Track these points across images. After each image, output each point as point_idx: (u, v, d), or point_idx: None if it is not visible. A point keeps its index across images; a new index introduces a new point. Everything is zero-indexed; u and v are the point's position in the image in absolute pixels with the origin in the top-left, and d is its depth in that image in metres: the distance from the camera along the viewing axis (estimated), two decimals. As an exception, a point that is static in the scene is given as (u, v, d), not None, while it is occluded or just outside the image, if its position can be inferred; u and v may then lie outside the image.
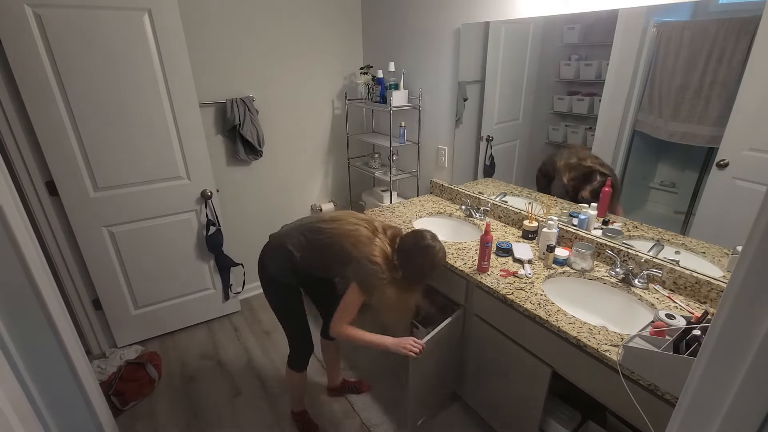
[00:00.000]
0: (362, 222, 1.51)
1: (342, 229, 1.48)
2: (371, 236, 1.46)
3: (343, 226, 1.49)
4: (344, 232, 1.47)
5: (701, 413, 0.48)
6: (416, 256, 1.43)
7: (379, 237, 1.46)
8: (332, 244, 1.46)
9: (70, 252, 2.10)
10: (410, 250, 1.44)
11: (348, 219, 1.52)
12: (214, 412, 1.97)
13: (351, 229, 1.47)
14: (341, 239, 1.45)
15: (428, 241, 1.43)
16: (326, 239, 1.47)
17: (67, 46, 1.79)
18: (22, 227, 0.94)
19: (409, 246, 1.45)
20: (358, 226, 1.48)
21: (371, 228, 1.49)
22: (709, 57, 1.27)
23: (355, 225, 1.48)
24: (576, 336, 1.21)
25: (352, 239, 1.44)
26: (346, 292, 1.46)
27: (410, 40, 2.41)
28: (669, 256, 1.46)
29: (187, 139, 2.18)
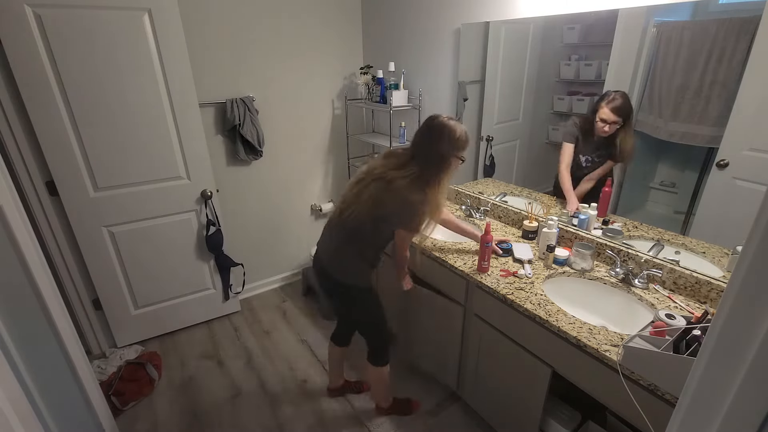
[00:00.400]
0: (365, 179, 1.48)
1: (360, 200, 1.46)
2: (382, 176, 1.43)
3: (359, 197, 1.47)
4: (362, 200, 1.46)
5: (701, 413, 0.48)
6: (435, 139, 1.39)
7: (388, 169, 1.44)
8: (366, 218, 1.46)
9: (70, 252, 2.10)
10: (427, 137, 1.41)
11: (354, 191, 1.50)
12: (214, 412, 1.97)
13: (365, 193, 1.45)
14: (368, 207, 1.44)
15: (440, 119, 1.41)
16: (363, 214, 1.45)
17: (67, 46, 1.79)
18: (22, 227, 0.94)
19: (423, 133, 1.43)
20: (366, 184, 1.46)
21: (375, 174, 1.46)
22: (709, 57, 1.27)
23: (363, 185, 1.47)
24: (576, 336, 1.21)
25: (375, 199, 1.43)
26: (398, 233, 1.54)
27: (410, 40, 2.41)
28: (669, 256, 1.46)
29: (187, 139, 2.18)
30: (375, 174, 1.46)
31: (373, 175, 1.46)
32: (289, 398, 2.03)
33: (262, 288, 2.97)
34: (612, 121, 1.53)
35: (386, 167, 1.45)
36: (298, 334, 2.50)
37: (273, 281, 3.02)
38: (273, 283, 3.02)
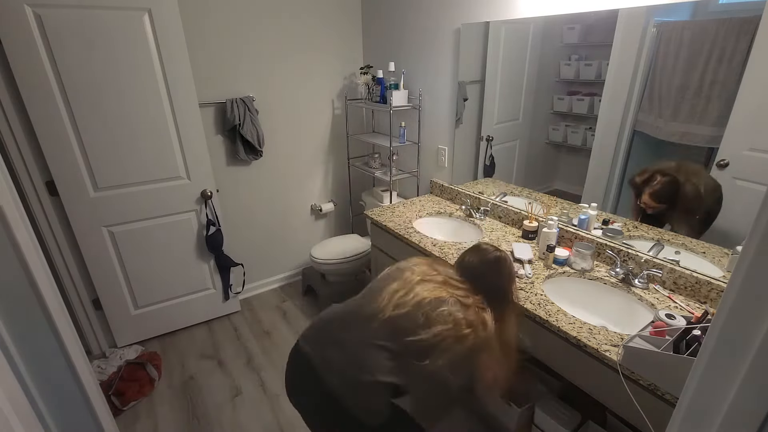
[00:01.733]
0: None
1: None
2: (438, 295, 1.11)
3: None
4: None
5: (701, 413, 0.48)
6: (489, 275, 1.20)
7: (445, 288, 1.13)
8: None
9: (70, 252, 2.10)
10: (481, 271, 1.20)
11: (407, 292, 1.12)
12: (214, 412, 1.97)
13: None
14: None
15: (494, 252, 1.22)
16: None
17: (67, 46, 1.79)
18: (22, 227, 0.94)
19: (476, 268, 1.20)
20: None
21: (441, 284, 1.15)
22: (709, 57, 1.27)
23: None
24: (576, 336, 1.21)
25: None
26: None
27: (410, 40, 2.41)
28: (669, 256, 1.46)
29: (187, 139, 2.18)
30: (443, 282, 1.16)
31: (438, 281, 1.16)
32: (289, 398, 2.03)
33: (262, 288, 2.97)
34: (652, 207, 1.43)
35: (455, 284, 1.16)
36: (298, 335, 2.50)
37: (273, 281, 3.02)
38: (273, 283, 3.02)
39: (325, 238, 3.08)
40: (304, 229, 3.02)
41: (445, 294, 1.12)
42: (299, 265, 3.09)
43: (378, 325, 1.10)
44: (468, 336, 1.07)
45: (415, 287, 1.13)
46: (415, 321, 1.07)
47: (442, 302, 1.10)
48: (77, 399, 1.12)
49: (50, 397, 1.03)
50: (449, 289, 1.14)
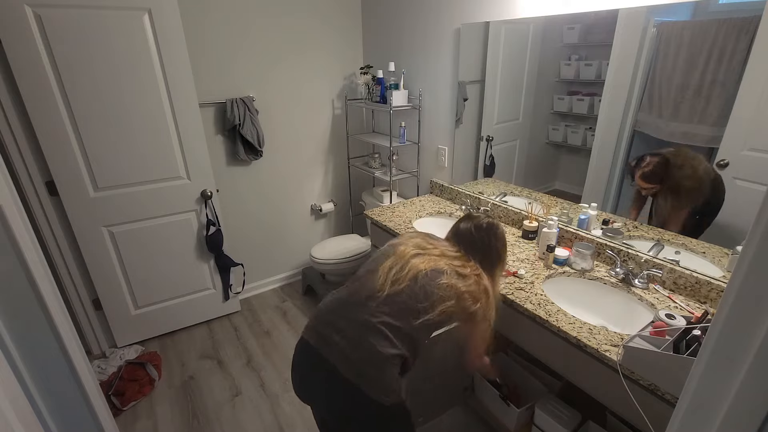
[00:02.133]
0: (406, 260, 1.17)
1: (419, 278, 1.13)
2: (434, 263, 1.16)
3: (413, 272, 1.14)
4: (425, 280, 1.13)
5: (701, 413, 0.48)
6: (486, 239, 1.25)
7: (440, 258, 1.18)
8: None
9: (70, 252, 2.10)
10: (476, 237, 1.25)
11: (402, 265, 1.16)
12: (214, 412, 1.97)
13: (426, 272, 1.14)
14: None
15: (486, 219, 1.29)
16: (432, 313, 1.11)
17: (67, 46, 1.79)
18: (22, 227, 0.94)
19: (471, 233, 1.25)
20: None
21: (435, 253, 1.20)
22: (709, 57, 1.27)
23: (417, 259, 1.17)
24: (576, 336, 1.21)
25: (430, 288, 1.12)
26: (467, 334, 1.24)
27: (410, 40, 2.41)
28: (669, 256, 1.46)
29: (187, 139, 2.18)
30: (438, 254, 1.20)
31: (433, 253, 1.20)
32: (289, 398, 2.03)
33: (262, 288, 2.97)
34: (645, 188, 1.50)
35: (450, 254, 1.21)
36: (298, 334, 2.50)
37: (273, 281, 3.02)
38: (273, 283, 3.03)
39: (325, 238, 3.08)
40: (304, 229, 3.02)
41: (442, 264, 1.16)
42: (299, 265, 3.09)
43: (377, 304, 1.11)
44: (477, 311, 1.15)
45: (410, 261, 1.16)
46: (414, 295, 1.11)
47: (439, 273, 1.13)
48: (77, 399, 1.12)
49: (50, 397, 1.03)
50: (446, 260, 1.17)
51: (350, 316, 1.13)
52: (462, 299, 1.13)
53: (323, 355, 1.10)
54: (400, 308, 1.10)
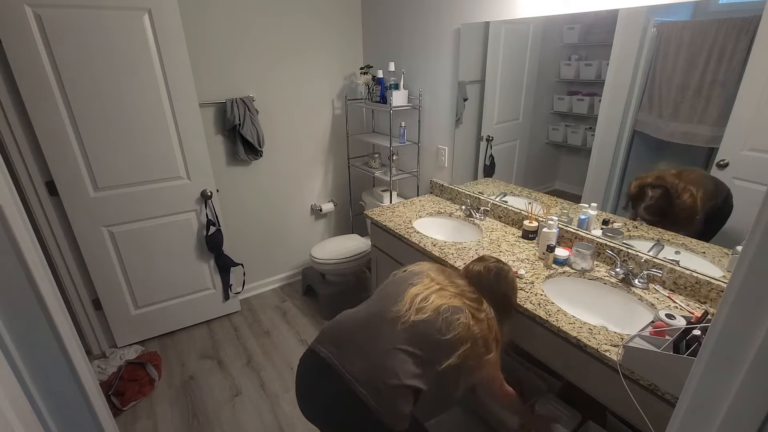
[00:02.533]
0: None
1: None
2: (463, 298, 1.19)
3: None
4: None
5: (701, 413, 0.48)
6: (495, 284, 1.28)
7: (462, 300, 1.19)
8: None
9: (70, 252, 2.10)
10: (489, 282, 1.28)
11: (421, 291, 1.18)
12: (214, 412, 1.97)
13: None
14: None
15: (497, 264, 1.31)
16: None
17: (67, 46, 1.79)
18: (22, 227, 0.94)
19: (482, 275, 1.29)
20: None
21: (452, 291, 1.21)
22: (709, 57, 1.27)
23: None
24: (576, 336, 1.21)
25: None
26: (486, 376, 1.24)
27: (410, 40, 2.41)
28: (669, 256, 1.46)
29: (187, 139, 2.18)
30: (457, 292, 1.21)
31: (453, 290, 1.22)
32: (290, 398, 2.03)
33: (262, 288, 2.97)
34: (647, 220, 1.51)
35: (467, 294, 1.22)
36: (298, 334, 2.50)
37: (273, 281, 3.02)
38: (273, 283, 3.03)
39: (325, 238, 3.08)
40: (304, 229, 3.02)
41: (460, 303, 1.18)
42: (299, 265, 3.09)
43: (402, 329, 1.12)
44: (490, 359, 1.18)
45: (432, 294, 1.18)
46: (436, 326, 1.12)
47: (458, 311, 1.16)
48: (77, 399, 1.12)
49: (50, 397, 1.03)
50: (464, 299, 1.20)
51: (372, 337, 1.13)
52: (475, 344, 1.15)
53: (339, 372, 1.09)
54: (421, 338, 1.11)
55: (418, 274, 1.27)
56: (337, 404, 1.09)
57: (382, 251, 2.17)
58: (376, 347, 1.11)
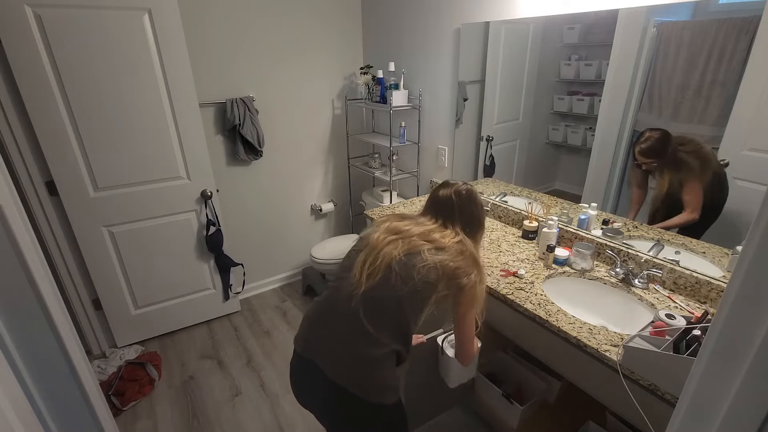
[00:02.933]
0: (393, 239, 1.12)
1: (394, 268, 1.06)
2: (427, 238, 1.13)
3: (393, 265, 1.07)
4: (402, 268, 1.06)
5: (701, 413, 0.48)
6: (468, 206, 1.21)
7: (429, 231, 1.15)
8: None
9: (70, 252, 2.10)
10: (456, 204, 1.19)
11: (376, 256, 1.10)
12: (214, 412, 1.97)
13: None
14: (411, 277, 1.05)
15: (463, 186, 1.23)
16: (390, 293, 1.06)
17: (67, 46, 1.79)
18: (22, 227, 0.94)
19: (452, 201, 1.20)
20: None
21: (412, 233, 1.14)
22: (709, 57, 1.27)
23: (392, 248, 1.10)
24: (576, 336, 1.21)
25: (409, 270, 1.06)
26: (458, 316, 1.16)
27: (410, 40, 2.41)
28: (669, 256, 1.46)
29: (187, 139, 2.18)
30: (411, 234, 1.13)
31: (407, 235, 1.13)
32: (290, 398, 2.03)
33: (262, 288, 2.97)
34: (643, 162, 1.50)
35: (424, 229, 1.15)
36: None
37: (273, 281, 3.02)
38: (273, 283, 3.03)
39: (325, 238, 3.08)
40: (304, 229, 3.02)
41: (418, 243, 1.10)
42: (299, 265, 3.09)
43: (356, 302, 1.05)
44: (468, 283, 1.09)
45: (383, 249, 1.10)
46: (391, 286, 1.05)
47: (415, 255, 1.08)
48: (77, 399, 1.12)
49: (50, 397, 1.03)
50: (421, 238, 1.12)
51: (332, 322, 1.09)
52: (449, 275, 1.08)
53: (313, 364, 1.08)
54: (380, 303, 1.05)
55: (368, 235, 1.18)
56: (319, 394, 1.09)
57: (382, 251, 2.17)
58: (340, 330, 1.07)
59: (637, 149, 1.50)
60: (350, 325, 1.05)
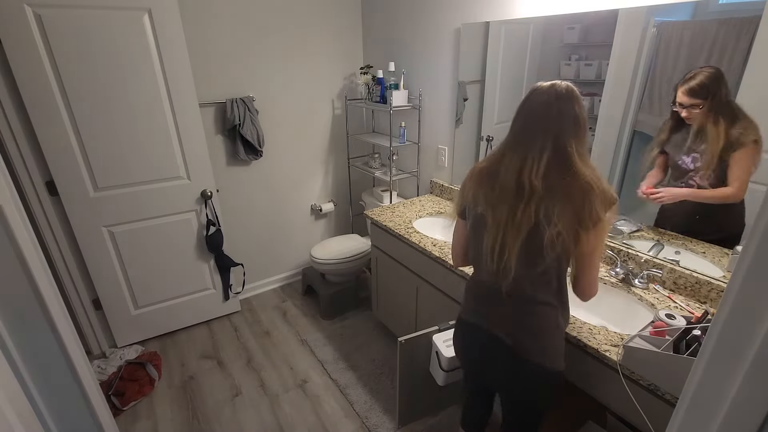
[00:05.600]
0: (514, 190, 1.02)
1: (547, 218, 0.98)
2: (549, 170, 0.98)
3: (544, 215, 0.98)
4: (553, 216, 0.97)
5: (701, 413, 0.48)
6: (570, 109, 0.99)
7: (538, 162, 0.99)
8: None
9: (70, 252, 2.10)
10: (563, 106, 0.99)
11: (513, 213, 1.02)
12: (214, 412, 1.97)
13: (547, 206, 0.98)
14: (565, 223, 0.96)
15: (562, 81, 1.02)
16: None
17: (67, 46, 1.79)
18: (22, 227, 0.94)
19: (551, 107, 0.99)
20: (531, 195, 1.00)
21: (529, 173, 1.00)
22: (709, 57, 1.27)
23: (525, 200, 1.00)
24: (576, 336, 1.21)
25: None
26: (599, 239, 1.00)
27: (410, 40, 2.41)
28: (669, 256, 1.46)
29: (187, 139, 2.18)
30: (528, 174, 0.99)
31: (523, 177, 1.00)
32: (289, 398, 2.03)
33: (262, 288, 2.97)
34: (690, 105, 1.26)
35: (535, 160, 0.99)
36: (298, 334, 2.50)
37: (273, 281, 3.02)
38: (273, 283, 3.03)
39: (325, 238, 3.08)
40: (304, 229, 3.02)
41: (522, 225, 1.01)
42: (299, 265, 3.09)
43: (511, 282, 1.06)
44: (592, 213, 0.97)
45: (506, 243, 1.04)
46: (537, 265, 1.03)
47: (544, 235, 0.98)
48: (77, 399, 1.12)
49: (50, 397, 1.03)
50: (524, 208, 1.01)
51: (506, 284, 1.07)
52: (568, 209, 0.96)
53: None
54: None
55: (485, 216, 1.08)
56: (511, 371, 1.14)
57: (382, 251, 2.17)
58: (514, 317, 1.10)
59: (682, 89, 1.27)
60: (516, 290, 1.09)
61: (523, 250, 1.02)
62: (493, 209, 1.06)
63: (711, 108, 1.24)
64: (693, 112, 1.28)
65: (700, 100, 1.25)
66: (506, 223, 1.03)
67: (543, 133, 0.99)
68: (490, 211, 1.06)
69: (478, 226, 1.12)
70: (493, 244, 1.06)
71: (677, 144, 1.38)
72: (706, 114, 1.25)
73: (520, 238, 1.01)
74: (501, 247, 1.04)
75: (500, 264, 1.06)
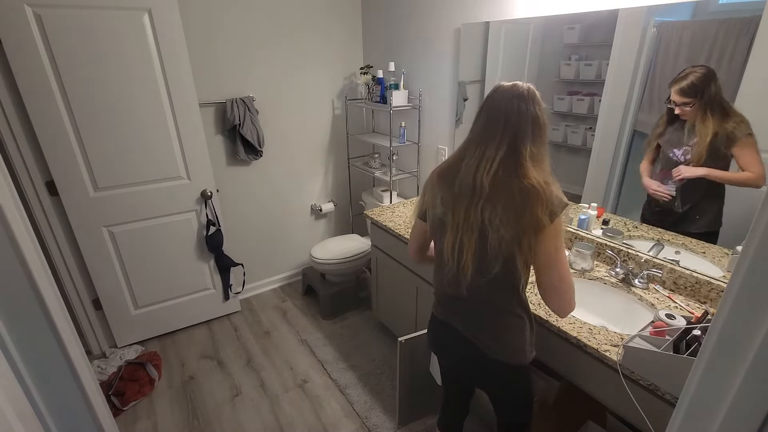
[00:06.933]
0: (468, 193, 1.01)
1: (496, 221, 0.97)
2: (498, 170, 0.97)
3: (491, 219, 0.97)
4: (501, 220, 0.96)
5: (701, 413, 0.48)
6: (532, 107, 1.00)
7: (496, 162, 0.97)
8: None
9: (70, 252, 2.10)
10: (516, 106, 0.99)
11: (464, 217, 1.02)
12: (214, 412, 1.97)
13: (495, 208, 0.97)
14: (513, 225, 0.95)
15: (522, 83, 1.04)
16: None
17: (67, 46, 1.79)
18: (22, 227, 0.94)
19: (511, 103, 1.00)
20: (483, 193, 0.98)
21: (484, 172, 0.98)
22: (709, 57, 1.27)
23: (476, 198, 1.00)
24: (576, 336, 1.21)
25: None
26: (550, 246, 0.98)
27: (410, 40, 2.41)
28: (669, 256, 1.46)
29: (187, 139, 2.18)
30: (481, 173, 0.98)
31: (477, 176, 0.99)
32: (289, 398, 2.03)
33: (262, 288, 2.97)
34: (682, 104, 1.33)
35: (489, 159, 0.98)
36: (298, 334, 2.50)
37: (273, 281, 3.02)
38: (273, 283, 3.03)
39: (325, 238, 3.08)
40: (304, 229, 3.02)
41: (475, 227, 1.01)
42: (299, 265, 3.09)
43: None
44: (544, 228, 0.97)
45: (461, 242, 1.03)
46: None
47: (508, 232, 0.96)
48: (77, 399, 1.12)
49: (50, 397, 1.03)
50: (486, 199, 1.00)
51: (467, 286, 1.07)
52: (520, 214, 0.94)
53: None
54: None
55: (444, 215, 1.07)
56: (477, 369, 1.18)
57: (382, 251, 2.17)
58: (478, 317, 1.11)
59: (674, 88, 1.33)
60: (475, 291, 1.10)
61: (477, 253, 1.01)
62: (452, 211, 1.05)
63: (701, 105, 1.30)
64: (685, 110, 1.34)
65: (691, 98, 1.32)
66: (463, 223, 1.02)
67: (501, 133, 0.98)
68: (450, 212, 1.05)
69: (438, 228, 1.11)
70: (452, 244, 1.05)
71: (670, 137, 1.43)
72: (697, 111, 1.32)
73: (474, 239, 1.01)
74: (459, 248, 1.03)
75: (459, 265, 1.05)
